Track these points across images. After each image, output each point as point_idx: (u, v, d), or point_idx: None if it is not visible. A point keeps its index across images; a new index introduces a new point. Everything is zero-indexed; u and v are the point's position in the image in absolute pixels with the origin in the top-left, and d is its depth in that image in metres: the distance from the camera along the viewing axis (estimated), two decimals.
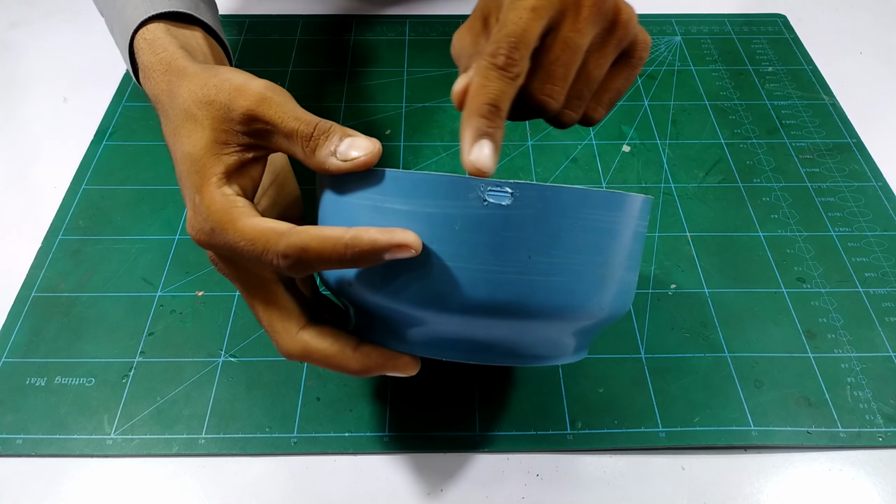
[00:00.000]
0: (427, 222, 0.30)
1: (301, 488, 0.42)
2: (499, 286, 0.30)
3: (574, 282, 0.31)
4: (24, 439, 0.43)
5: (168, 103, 0.36)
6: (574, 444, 0.43)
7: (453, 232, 0.29)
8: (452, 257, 0.30)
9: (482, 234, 0.29)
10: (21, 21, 0.76)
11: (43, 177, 0.60)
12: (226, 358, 0.47)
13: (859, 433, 0.44)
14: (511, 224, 0.29)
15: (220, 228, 0.32)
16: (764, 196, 0.58)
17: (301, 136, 0.32)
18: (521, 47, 0.32)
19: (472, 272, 0.30)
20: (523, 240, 0.29)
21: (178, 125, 0.34)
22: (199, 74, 0.35)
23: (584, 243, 0.31)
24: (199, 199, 0.32)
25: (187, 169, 0.33)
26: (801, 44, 0.74)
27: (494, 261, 0.30)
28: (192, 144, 0.33)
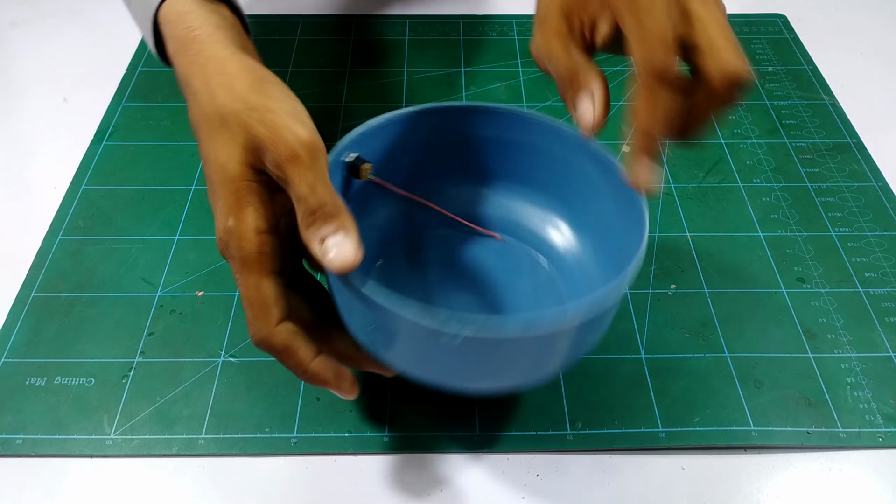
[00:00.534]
0: (407, 331, 0.34)
1: (301, 488, 0.42)
2: (459, 382, 0.37)
3: (524, 384, 0.38)
4: (23, 439, 0.43)
5: (204, 93, 0.35)
6: (574, 444, 0.43)
7: (424, 344, 0.34)
8: (425, 356, 0.36)
9: (445, 354, 0.34)
10: (21, 21, 0.76)
11: (43, 177, 0.60)
12: (226, 358, 0.47)
13: (859, 433, 0.44)
14: (468, 352, 0.34)
15: (242, 263, 0.34)
16: (764, 196, 0.58)
17: (306, 208, 0.33)
18: (672, 49, 0.32)
19: (439, 369, 0.36)
20: (477, 361, 0.35)
21: (213, 125, 0.34)
22: (247, 83, 0.34)
23: (527, 365, 0.36)
24: (232, 223, 0.33)
25: (221, 180, 0.34)
26: (801, 44, 0.74)
27: (457, 368, 0.35)
28: (227, 158, 0.34)
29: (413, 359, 0.36)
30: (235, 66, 0.35)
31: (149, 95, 0.67)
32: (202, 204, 0.57)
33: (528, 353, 0.35)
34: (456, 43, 0.73)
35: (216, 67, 0.35)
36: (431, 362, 0.35)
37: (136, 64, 0.70)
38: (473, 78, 0.69)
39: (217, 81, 0.35)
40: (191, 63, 0.36)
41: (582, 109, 0.35)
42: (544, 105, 0.66)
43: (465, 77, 0.69)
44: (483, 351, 0.33)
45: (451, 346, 0.32)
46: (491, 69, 0.70)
